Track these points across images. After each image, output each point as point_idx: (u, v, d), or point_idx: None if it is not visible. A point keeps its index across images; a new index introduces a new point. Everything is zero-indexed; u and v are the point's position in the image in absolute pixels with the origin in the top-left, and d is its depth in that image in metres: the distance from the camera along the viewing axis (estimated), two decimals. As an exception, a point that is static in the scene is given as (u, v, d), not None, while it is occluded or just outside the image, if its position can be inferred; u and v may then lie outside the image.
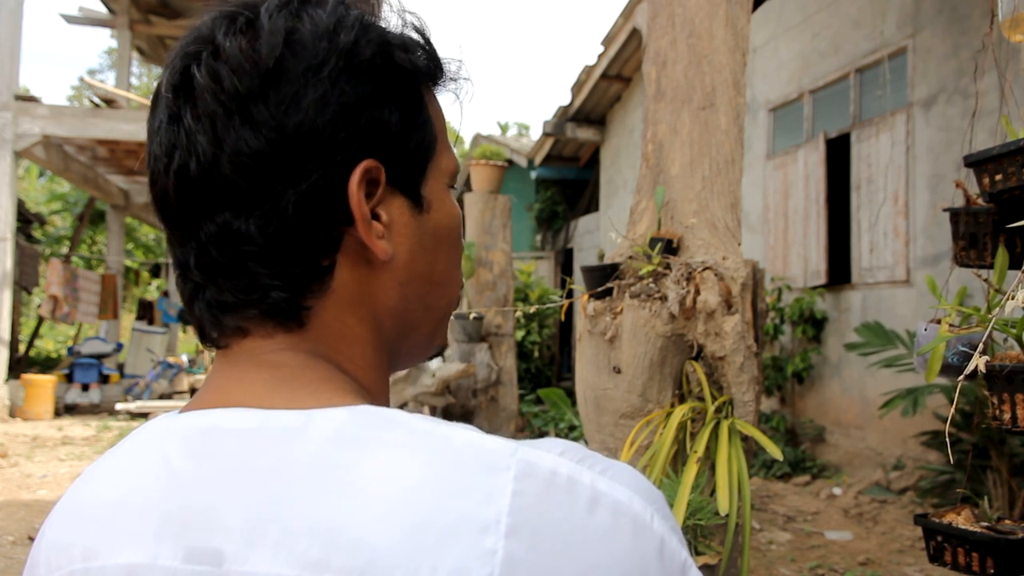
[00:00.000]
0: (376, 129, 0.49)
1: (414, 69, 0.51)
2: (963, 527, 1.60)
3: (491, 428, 5.83)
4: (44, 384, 9.31)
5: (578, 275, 9.98)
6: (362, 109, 0.48)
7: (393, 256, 0.51)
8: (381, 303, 0.52)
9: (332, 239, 0.48)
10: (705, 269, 2.41)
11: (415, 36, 0.53)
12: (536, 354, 10.95)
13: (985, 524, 1.62)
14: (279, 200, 0.46)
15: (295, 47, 0.47)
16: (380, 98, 0.49)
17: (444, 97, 0.56)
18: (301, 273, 0.48)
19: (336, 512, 0.40)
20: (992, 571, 1.52)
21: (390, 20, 0.52)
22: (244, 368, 0.49)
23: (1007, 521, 1.65)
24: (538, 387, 9.21)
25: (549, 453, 0.42)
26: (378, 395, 0.53)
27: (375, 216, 0.50)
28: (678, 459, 2.34)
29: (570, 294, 6.77)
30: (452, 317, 0.61)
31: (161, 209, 0.50)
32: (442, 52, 0.55)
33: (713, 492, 2.20)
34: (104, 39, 41.38)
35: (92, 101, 11.10)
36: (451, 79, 0.56)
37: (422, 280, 0.54)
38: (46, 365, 13.44)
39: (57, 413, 9.58)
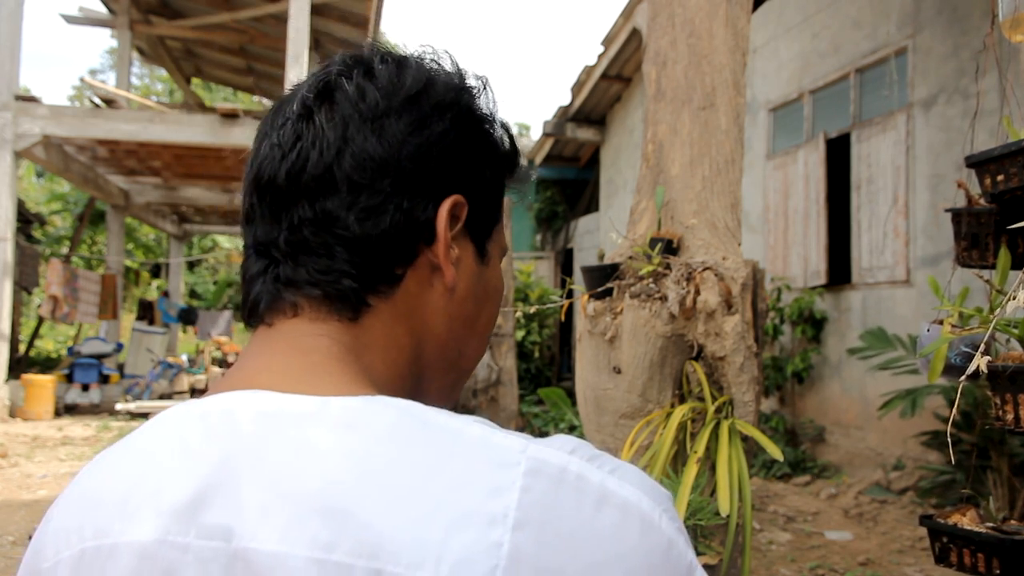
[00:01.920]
0: (473, 175, 0.57)
1: (503, 151, 0.61)
2: (969, 528, 1.60)
3: (491, 428, 5.82)
4: (44, 384, 9.30)
5: (578, 275, 9.97)
6: (468, 155, 0.56)
7: (455, 287, 0.57)
8: (430, 326, 0.56)
9: (411, 252, 0.54)
10: (705, 269, 2.40)
11: (507, 132, 0.62)
12: (536, 354, 10.94)
13: (990, 525, 1.62)
14: (382, 202, 0.52)
15: (431, 89, 0.55)
16: (481, 154, 0.58)
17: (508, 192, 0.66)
18: (376, 271, 0.53)
19: (347, 496, 0.40)
20: (998, 572, 1.52)
21: (490, 111, 0.61)
22: (276, 349, 0.52)
23: (1012, 521, 1.65)
24: (538, 387, 9.21)
25: (559, 451, 0.43)
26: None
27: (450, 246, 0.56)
28: (678, 459, 2.34)
29: (570, 294, 6.78)
30: None
31: (261, 191, 0.54)
32: (521, 157, 0.64)
33: (713, 492, 2.20)
34: (104, 39, 41.40)
35: (92, 101, 11.10)
36: (519, 179, 0.64)
37: (467, 323, 0.59)
38: (46, 365, 13.42)
39: (57, 413, 9.58)
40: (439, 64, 0.58)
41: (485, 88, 0.60)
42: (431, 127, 0.54)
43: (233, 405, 0.47)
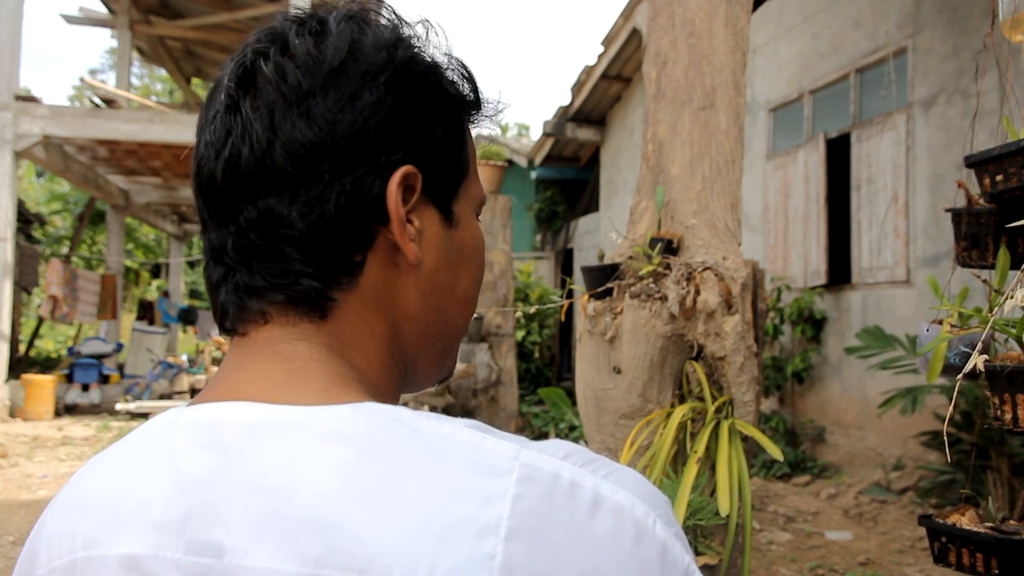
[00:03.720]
0: (421, 139, 0.52)
1: (459, 97, 0.56)
2: (968, 528, 1.60)
3: (491, 428, 5.82)
4: (44, 384, 9.30)
5: (578, 275, 9.97)
6: (411, 118, 0.51)
7: (421, 262, 0.53)
8: (402, 307, 0.54)
9: (366, 236, 0.51)
10: (705, 269, 2.40)
11: (463, 72, 0.57)
12: (536, 354, 10.94)
13: (989, 525, 1.62)
14: (324, 190, 0.49)
15: (357, 54, 0.50)
16: (428, 112, 0.53)
17: (478, 132, 0.61)
18: (333, 264, 0.50)
19: (337, 509, 0.40)
20: (996, 571, 1.52)
21: (441, 60, 0.56)
22: (256, 359, 0.50)
23: (1011, 521, 1.65)
24: (538, 387, 9.20)
25: (552, 457, 0.42)
26: (387, 394, 0.54)
27: (408, 221, 0.52)
28: (678, 459, 2.34)
29: (570, 294, 6.78)
30: None
31: (205, 194, 0.52)
32: (484, 92, 0.59)
33: (713, 492, 2.20)
34: (104, 39, 41.40)
35: (92, 101, 11.10)
36: (487, 116, 0.60)
37: (444, 292, 0.56)
38: (46, 365, 13.42)
39: (57, 413, 9.58)
40: (368, 20, 0.53)
41: (429, 32, 0.55)
42: (363, 98, 0.49)
43: (220, 416, 0.46)
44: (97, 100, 10.50)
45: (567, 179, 12.61)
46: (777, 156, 7.42)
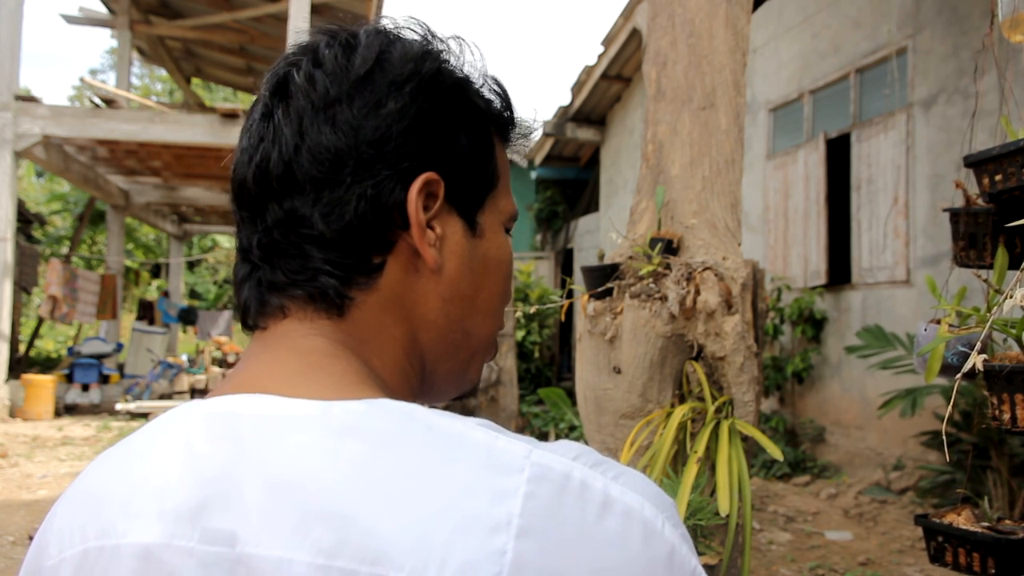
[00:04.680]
0: (444, 147, 0.54)
1: (488, 110, 0.58)
2: (964, 527, 1.60)
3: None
4: (44, 384, 9.30)
5: (578, 275, 9.97)
6: (434, 126, 0.53)
7: (441, 268, 0.54)
8: (421, 312, 0.55)
9: (386, 239, 0.52)
10: (705, 269, 2.41)
11: (496, 89, 0.59)
12: (536, 354, 10.94)
13: (986, 524, 1.62)
14: (345, 193, 0.51)
15: (384, 64, 0.53)
16: (453, 122, 0.54)
17: (511, 151, 0.63)
18: (352, 264, 0.51)
19: (350, 501, 0.40)
20: (993, 571, 1.52)
21: (473, 76, 0.58)
22: (274, 351, 0.51)
23: (1007, 521, 1.65)
24: (538, 387, 9.20)
25: (563, 457, 0.43)
26: (401, 397, 0.54)
27: (429, 227, 0.53)
28: (678, 459, 2.34)
29: (570, 294, 6.78)
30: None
31: (237, 196, 0.55)
32: (518, 113, 0.61)
33: (713, 492, 2.20)
34: (104, 39, 41.40)
35: (92, 101, 11.11)
36: (520, 136, 0.61)
37: (465, 301, 0.57)
38: (46, 365, 13.42)
39: (57, 413, 9.58)
40: (398, 35, 0.55)
41: (463, 49, 0.57)
42: (387, 106, 0.51)
43: (236, 408, 0.46)
44: (97, 100, 10.50)
45: (567, 179, 12.62)
46: (777, 156, 7.42)
